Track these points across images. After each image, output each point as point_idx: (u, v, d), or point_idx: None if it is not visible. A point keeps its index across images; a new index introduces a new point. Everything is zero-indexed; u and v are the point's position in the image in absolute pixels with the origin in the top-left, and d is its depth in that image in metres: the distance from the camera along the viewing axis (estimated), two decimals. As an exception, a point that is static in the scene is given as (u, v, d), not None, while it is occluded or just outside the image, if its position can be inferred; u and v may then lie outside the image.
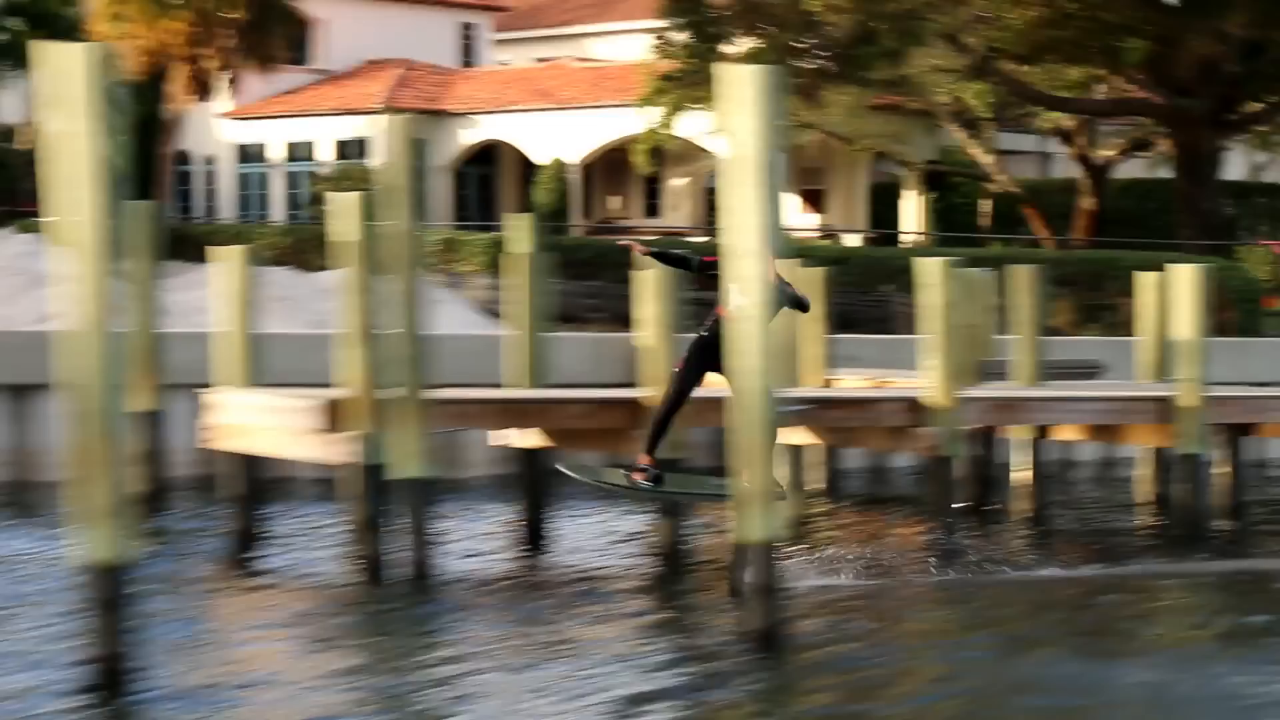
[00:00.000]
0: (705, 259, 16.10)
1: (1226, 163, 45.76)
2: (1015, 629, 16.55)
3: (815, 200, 54.41)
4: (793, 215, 53.92)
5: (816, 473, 25.05)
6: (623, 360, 27.01)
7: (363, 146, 54.77)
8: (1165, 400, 21.13)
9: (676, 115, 45.13)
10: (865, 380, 23.56)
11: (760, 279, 14.45)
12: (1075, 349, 29.02)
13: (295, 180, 56.41)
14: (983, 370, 22.64)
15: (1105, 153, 47.89)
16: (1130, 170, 50.53)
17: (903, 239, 49.55)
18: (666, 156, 51.84)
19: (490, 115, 54.94)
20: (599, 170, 55.72)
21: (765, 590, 14.52)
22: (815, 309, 20.37)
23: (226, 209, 57.21)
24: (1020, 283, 23.39)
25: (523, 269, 20.68)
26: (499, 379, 21.65)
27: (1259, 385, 25.92)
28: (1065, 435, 22.87)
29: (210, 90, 44.87)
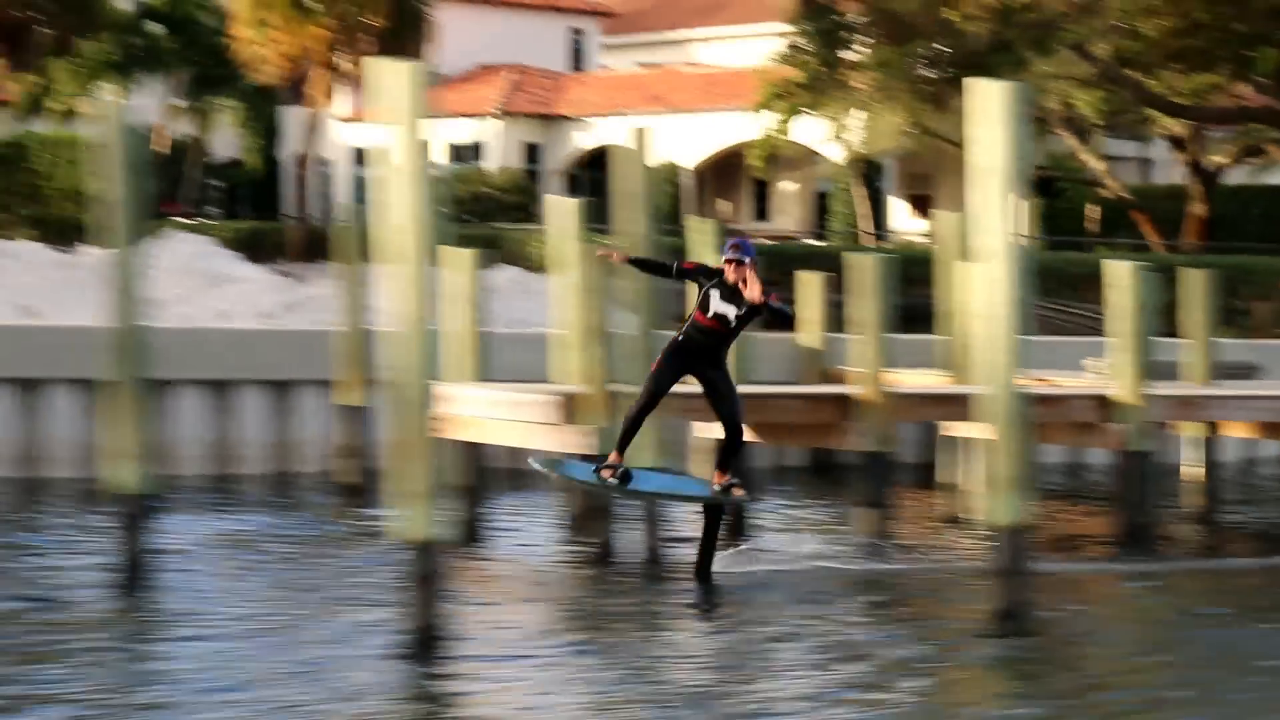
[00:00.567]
0: (684, 264, 16.86)
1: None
2: (1220, 609, 17.53)
3: (923, 205, 55.33)
4: (901, 219, 54.94)
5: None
6: (780, 360, 27.69)
7: (477, 150, 56.02)
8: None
9: (793, 120, 46.14)
10: (1030, 380, 24.46)
11: (1007, 278, 15.43)
12: (1222, 352, 29.85)
13: (409, 183, 57.58)
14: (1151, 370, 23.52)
15: (1217, 159, 48.72)
16: (1234, 176, 51.38)
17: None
18: (779, 161, 52.85)
19: (603, 119, 56.03)
20: (710, 174, 56.79)
21: (1013, 571, 15.56)
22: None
23: (342, 211, 58.38)
24: (1193, 285, 24.32)
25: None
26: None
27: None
28: (1237, 432, 23.84)
29: (344, 95, 46.07)
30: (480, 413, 19.76)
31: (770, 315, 16.93)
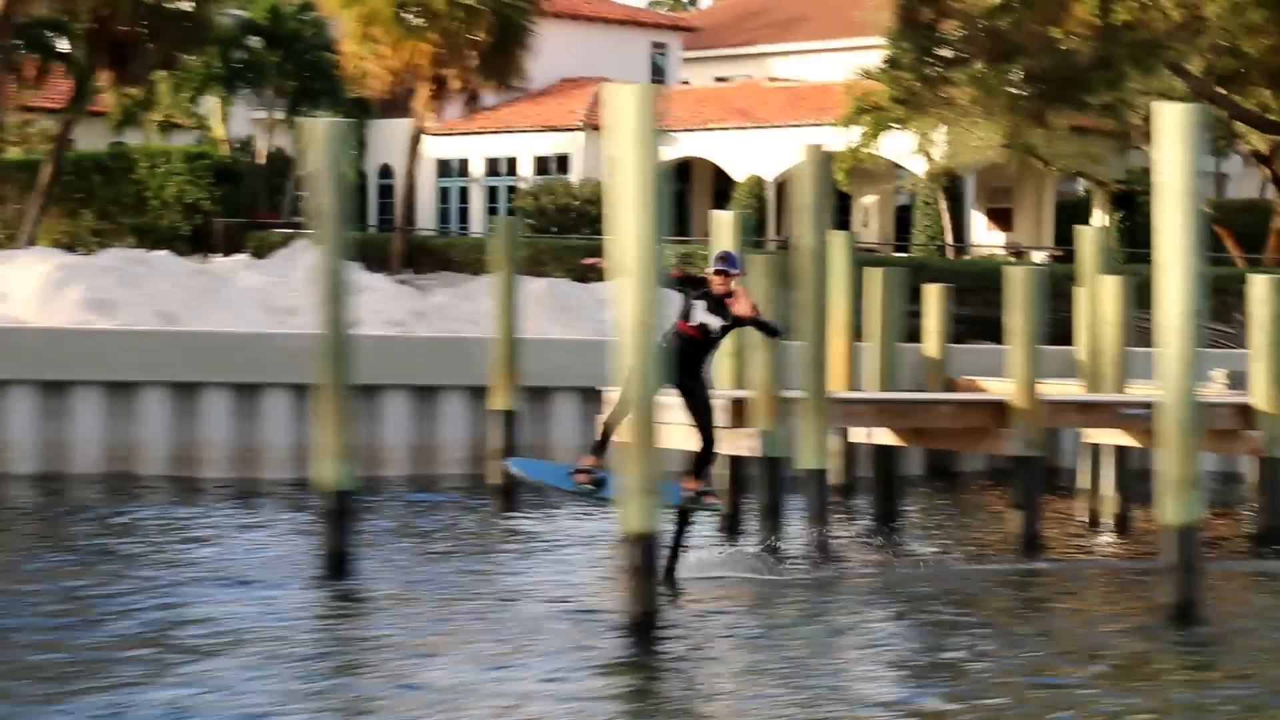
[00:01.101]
0: (674, 273, 17.20)
1: None
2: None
3: (1003, 218, 56.15)
4: (980, 233, 55.75)
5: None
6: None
7: (562, 162, 57.01)
8: None
9: (879, 135, 46.93)
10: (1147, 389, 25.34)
11: (1185, 291, 16.32)
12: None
13: (493, 194, 58.69)
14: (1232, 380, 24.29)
15: (1300, 175, 49.48)
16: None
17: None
18: (860, 174, 53.65)
19: (687, 133, 56.89)
20: (792, 188, 57.61)
21: (1185, 568, 16.45)
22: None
23: (425, 222, 59.44)
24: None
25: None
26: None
27: None
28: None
29: (447, 108, 47.13)
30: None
31: (759, 329, 17.75)
